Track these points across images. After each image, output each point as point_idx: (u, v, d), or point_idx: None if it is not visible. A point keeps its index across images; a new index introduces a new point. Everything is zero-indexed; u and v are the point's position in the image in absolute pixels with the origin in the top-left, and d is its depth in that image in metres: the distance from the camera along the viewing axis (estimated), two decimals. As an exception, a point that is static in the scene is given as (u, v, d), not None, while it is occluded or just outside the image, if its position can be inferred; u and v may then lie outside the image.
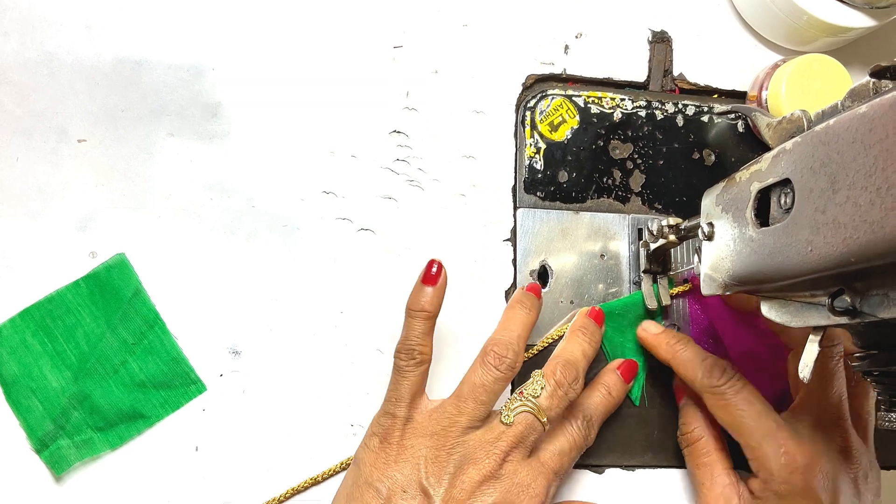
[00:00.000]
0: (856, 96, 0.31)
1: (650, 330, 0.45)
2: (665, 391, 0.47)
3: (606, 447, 0.46)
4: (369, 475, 0.38)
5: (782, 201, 0.32)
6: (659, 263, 0.47)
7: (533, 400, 0.39)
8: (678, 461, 0.47)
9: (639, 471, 0.47)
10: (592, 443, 0.43)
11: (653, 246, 0.46)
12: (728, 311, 0.47)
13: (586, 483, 0.46)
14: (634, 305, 0.46)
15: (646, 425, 0.47)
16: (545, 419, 0.39)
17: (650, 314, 0.47)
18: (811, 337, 0.34)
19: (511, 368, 0.40)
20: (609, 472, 0.47)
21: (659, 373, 0.47)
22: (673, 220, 0.43)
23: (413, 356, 0.39)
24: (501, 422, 0.39)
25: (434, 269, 0.41)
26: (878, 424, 0.33)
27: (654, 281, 0.47)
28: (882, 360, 0.33)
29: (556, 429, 0.41)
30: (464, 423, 0.38)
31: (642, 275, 0.47)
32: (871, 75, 0.31)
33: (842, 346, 0.41)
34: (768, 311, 0.37)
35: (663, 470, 0.47)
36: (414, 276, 0.46)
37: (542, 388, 0.40)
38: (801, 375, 0.33)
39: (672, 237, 0.43)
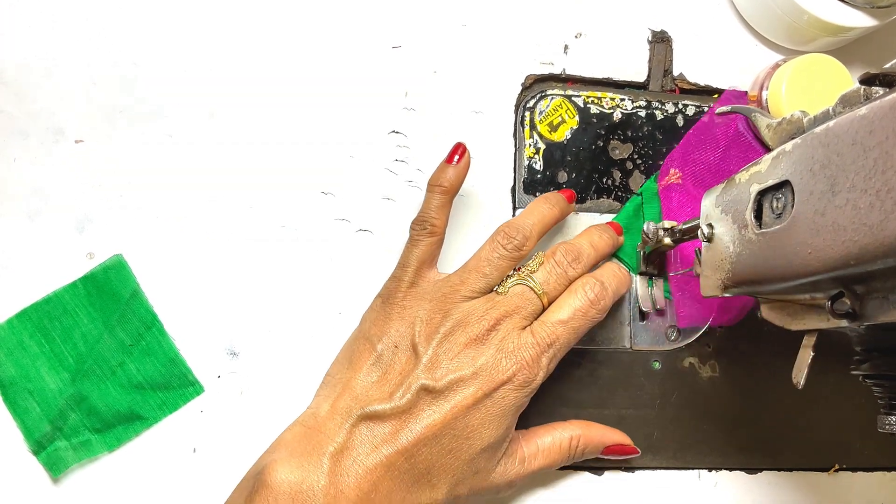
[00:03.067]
0: (847, 102, 0.31)
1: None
2: (662, 394, 0.47)
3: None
4: (367, 330, 0.41)
5: (774, 206, 0.32)
6: (655, 266, 0.47)
7: (529, 274, 0.41)
8: (678, 462, 0.47)
9: (638, 472, 0.47)
10: (605, 314, 0.41)
11: (648, 248, 0.46)
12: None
13: (586, 484, 0.46)
14: (636, 210, 0.48)
15: (645, 426, 0.47)
16: (541, 292, 0.40)
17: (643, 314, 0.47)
18: (805, 342, 0.34)
19: (518, 249, 0.41)
20: (608, 473, 0.46)
21: (660, 377, 0.47)
22: (668, 223, 0.43)
23: (425, 227, 0.41)
24: (496, 292, 0.40)
25: (459, 151, 0.42)
26: (878, 428, 0.33)
27: (650, 283, 0.47)
28: (882, 364, 0.33)
29: (560, 298, 0.41)
30: (463, 291, 0.40)
31: (638, 277, 0.47)
32: (861, 82, 0.30)
33: None
34: (768, 312, 0.37)
35: (663, 471, 0.47)
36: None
37: (539, 265, 0.41)
38: (794, 381, 0.33)
39: (667, 240, 0.43)
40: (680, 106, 0.50)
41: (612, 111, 0.50)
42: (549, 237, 0.47)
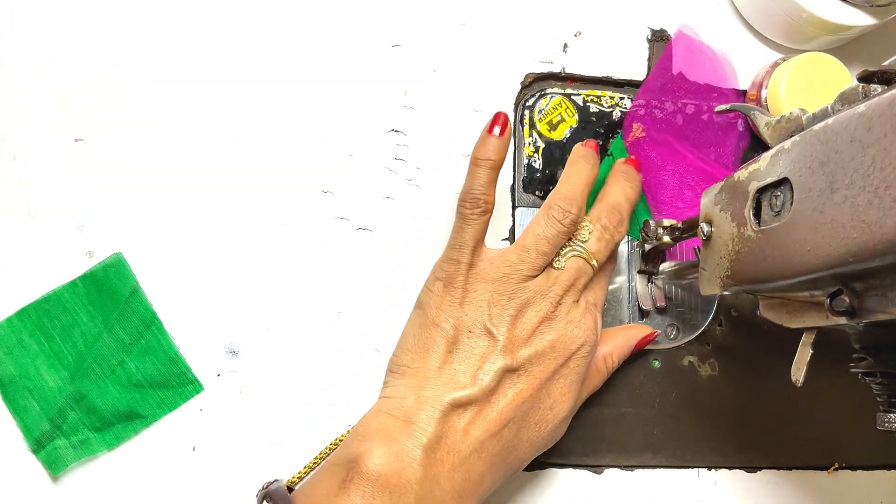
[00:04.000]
0: (845, 100, 0.31)
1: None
2: (661, 393, 0.47)
3: (605, 447, 0.46)
4: (436, 316, 0.40)
5: (773, 204, 0.32)
6: (654, 264, 0.47)
7: (581, 244, 0.41)
8: (677, 461, 0.47)
9: (637, 471, 0.47)
10: (626, 233, 0.44)
11: (647, 247, 0.46)
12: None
13: (585, 483, 0.46)
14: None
15: (645, 425, 0.47)
16: (594, 262, 0.41)
17: (644, 314, 0.47)
18: (804, 339, 0.34)
19: (574, 223, 0.41)
20: (608, 472, 0.46)
21: (660, 376, 0.47)
22: (668, 221, 0.43)
23: (478, 204, 0.40)
24: (554, 267, 0.41)
25: (501, 121, 0.41)
26: (878, 426, 0.33)
27: (649, 281, 0.47)
28: (881, 361, 0.32)
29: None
30: (525, 270, 0.40)
31: (637, 275, 0.47)
32: (860, 80, 0.30)
33: None
34: (767, 310, 0.37)
35: (662, 470, 0.47)
36: (413, 277, 0.46)
37: (589, 233, 0.42)
38: (793, 379, 0.33)
39: (666, 238, 0.43)
40: (679, 105, 0.50)
41: (611, 110, 0.50)
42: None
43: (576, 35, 0.50)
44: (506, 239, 0.47)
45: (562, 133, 0.49)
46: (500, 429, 0.38)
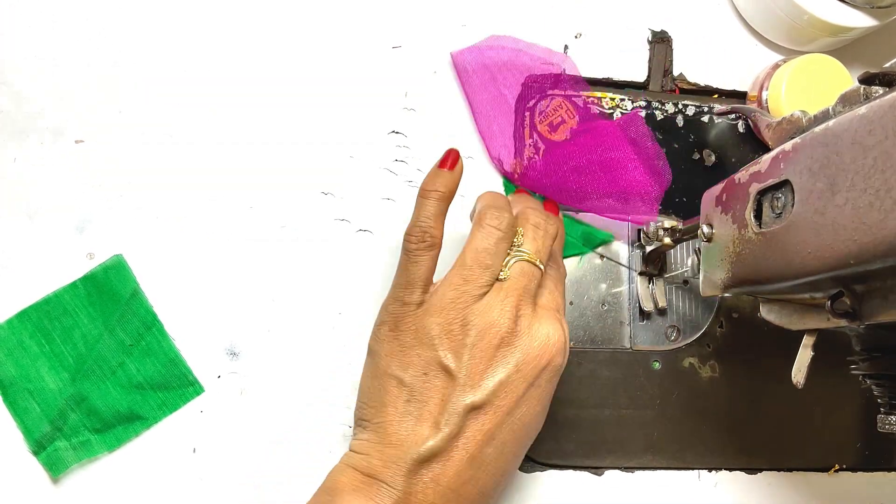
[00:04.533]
0: (846, 102, 0.31)
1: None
2: (661, 394, 0.47)
3: (606, 448, 0.46)
4: (387, 366, 0.37)
5: (774, 206, 0.32)
6: (655, 265, 0.47)
7: (519, 249, 0.39)
8: (677, 463, 0.47)
9: (638, 472, 0.47)
10: (556, 230, 0.42)
11: (648, 248, 0.46)
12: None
13: (586, 485, 0.46)
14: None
15: (645, 426, 0.47)
16: (538, 262, 0.39)
17: (645, 315, 0.47)
18: (805, 341, 0.34)
19: (511, 227, 0.39)
20: (608, 473, 0.46)
21: (660, 377, 0.47)
22: (668, 223, 0.43)
23: (423, 238, 0.38)
24: (500, 280, 0.38)
25: (452, 157, 0.40)
26: (878, 428, 0.33)
27: (650, 282, 0.47)
28: (882, 363, 0.32)
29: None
30: (472, 290, 0.37)
31: (637, 276, 0.47)
32: (861, 81, 0.30)
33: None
34: (767, 312, 0.37)
35: (663, 472, 0.47)
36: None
37: (522, 236, 0.39)
38: (794, 381, 0.33)
39: (667, 240, 0.43)
40: (680, 106, 0.50)
41: (612, 111, 0.50)
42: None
43: (576, 37, 0.50)
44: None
45: (562, 135, 0.49)
46: (472, 472, 0.36)
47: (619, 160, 0.47)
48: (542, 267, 0.39)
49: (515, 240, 0.39)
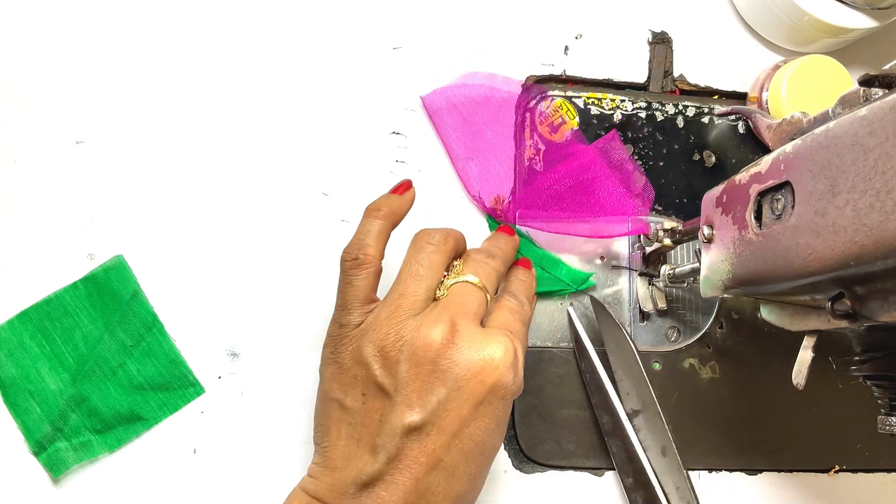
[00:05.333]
0: (846, 103, 0.31)
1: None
2: (662, 395, 0.47)
3: (606, 449, 0.46)
4: (329, 389, 0.37)
5: (774, 207, 0.32)
6: (654, 266, 0.47)
7: (459, 272, 0.38)
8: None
9: (638, 473, 0.47)
10: (531, 317, 0.41)
11: (648, 249, 0.46)
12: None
13: (586, 485, 0.46)
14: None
15: (645, 427, 0.47)
16: (478, 281, 0.37)
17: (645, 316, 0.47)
18: (805, 342, 0.34)
19: (444, 241, 0.38)
20: (608, 474, 0.46)
21: (660, 378, 0.47)
22: (668, 224, 0.43)
23: (355, 255, 0.37)
24: (437, 298, 0.37)
25: (405, 186, 0.40)
26: (878, 429, 0.33)
27: (650, 283, 0.47)
28: (882, 364, 0.33)
29: (493, 307, 0.39)
30: (405, 305, 0.36)
31: (638, 277, 0.47)
32: (861, 83, 0.30)
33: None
34: (768, 313, 0.37)
35: (663, 472, 0.47)
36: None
37: (463, 263, 0.39)
38: (794, 382, 0.33)
39: (667, 241, 0.43)
40: (680, 107, 0.50)
41: (612, 112, 0.50)
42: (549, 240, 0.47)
43: (577, 37, 0.50)
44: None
45: (563, 135, 0.49)
46: (420, 496, 0.34)
47: (599, 182, 0.47)
48: (482, 286, 0.38)
49: (456, 265, 0.39)
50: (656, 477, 0.44)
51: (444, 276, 0.38)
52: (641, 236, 0.47)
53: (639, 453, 0.44)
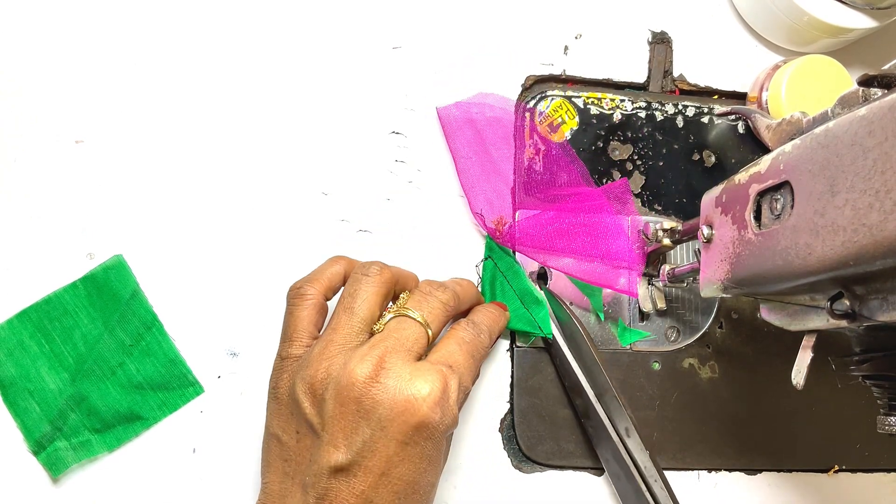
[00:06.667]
0: (846, 103, 0.31)
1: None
2: (661, 395, 0.47)
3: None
4: (269, 425, 0.37)
5: (773, 207, 0.32)
6: (654, 266, 0.47)
7: (402, 307, 0.37)
8: (678, 463, 0.47)
9: (638, 473, 0.47)
10: (489, 350, 0.40)
11: (648, 249, 0.46)
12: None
13: (586, 485, 0.46)
14: (492, 275, 0.46)
15: (645, 427, 0.47)
16: (418, 317, 0.36)
17: (645, 317, 0.47)
18: (805, 342, 0.34)
19: (380, 273, 0.37)
20: (608, 473, 0.46)
21: (660, 378, 0.47)
22: (668, 224, 0.43)
23: (300, 286, 0.37)
24: (373, 332, 0.36)
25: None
26: (878, 429, 0.33)
27: (649, 283, 0.47)
28: (881, 364, 0.33)
29: (443, 336, 0.39)
30: (338, 340, 0.35)
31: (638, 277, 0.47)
32: (860, 84, 0.30)
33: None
34: (768, 313, 0.37)
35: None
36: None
37: (406, 297, 0.38)
38: (794, 382, 0.33)
39: (667, 241, 0.43)
40: (680, 107, 0.50)
41: (612, 112, 0.50)
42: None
43: (576, 37, 0.50)
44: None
45: (563, 135, 0.49)
46: None
47: (604, 225, 0.47)
48: (423, 321, 0.36)
49: (403, 297, 0.38)
50: (631, 459, 0.44)
51: (387, 310, 0.37)
52: (643, 235, 0.47)
53: (612, 436, 0.44)
